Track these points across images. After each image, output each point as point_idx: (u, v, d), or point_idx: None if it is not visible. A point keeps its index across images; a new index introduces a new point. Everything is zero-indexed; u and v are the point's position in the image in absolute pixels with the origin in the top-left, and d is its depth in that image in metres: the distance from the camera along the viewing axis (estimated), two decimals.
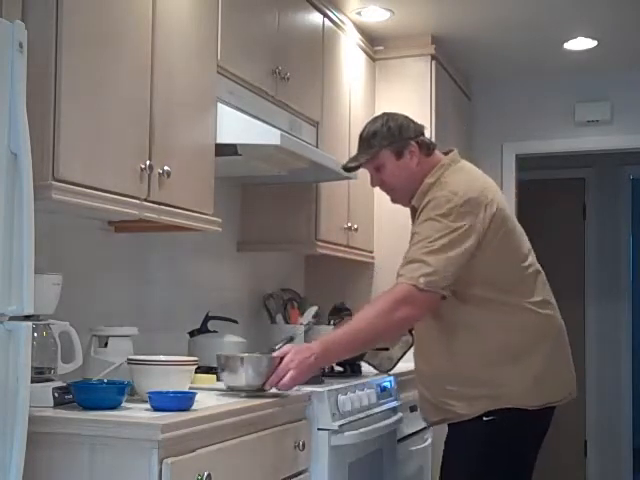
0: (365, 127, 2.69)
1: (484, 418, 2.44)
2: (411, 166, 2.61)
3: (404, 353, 3.22)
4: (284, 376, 2.32)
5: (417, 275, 2.38)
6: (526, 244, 2.61)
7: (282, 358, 2.36)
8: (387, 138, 2.60)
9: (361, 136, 2.68)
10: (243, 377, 2.34)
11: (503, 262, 2.50)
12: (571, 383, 2.62)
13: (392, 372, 3.26)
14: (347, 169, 2.75)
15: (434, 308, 2.48)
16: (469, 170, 2.66)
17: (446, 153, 2.70)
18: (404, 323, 2.54)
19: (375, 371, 3.27)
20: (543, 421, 2.56)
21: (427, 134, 2.75)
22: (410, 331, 3.00)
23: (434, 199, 2.49)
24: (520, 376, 2.46)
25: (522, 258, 2.55)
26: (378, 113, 2.78)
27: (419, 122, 2.70)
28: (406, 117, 2.68)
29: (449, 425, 2.57)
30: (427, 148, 2.64)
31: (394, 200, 2.73)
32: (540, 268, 2.61)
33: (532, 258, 2.59)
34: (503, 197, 2.63)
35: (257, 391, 2.36)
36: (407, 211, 4.25)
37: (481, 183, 2.57)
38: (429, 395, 2.59)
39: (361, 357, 3.20)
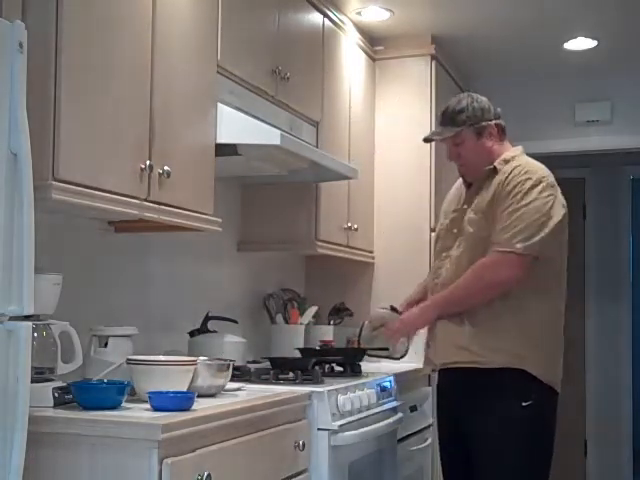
0: (449, 104, 2.88)
1: (523, 403, 2.65)
2: (487, 146, 2.84)
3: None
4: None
5: None
6: None
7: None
8: (472, 118, 2.82)
9: (445, 112, 2.87)
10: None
11: None
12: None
13: (392, 372, 3.25)
14: (428, 140, 3.05)
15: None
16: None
17: None
18: None
19: (374, 369, 3.25)
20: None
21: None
22: None
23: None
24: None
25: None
26: (460, 97, 2.93)
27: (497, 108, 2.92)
28: (488, 100, 2.90)
29: (481, 416, 2.71)
30: (503, 132, 2.89)
31: (462, 173, 2.93)
32: None
33: None
34: None
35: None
36: (406, 212, 4.26)
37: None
38: (454, 339, 2.76)
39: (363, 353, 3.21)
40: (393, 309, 3.16)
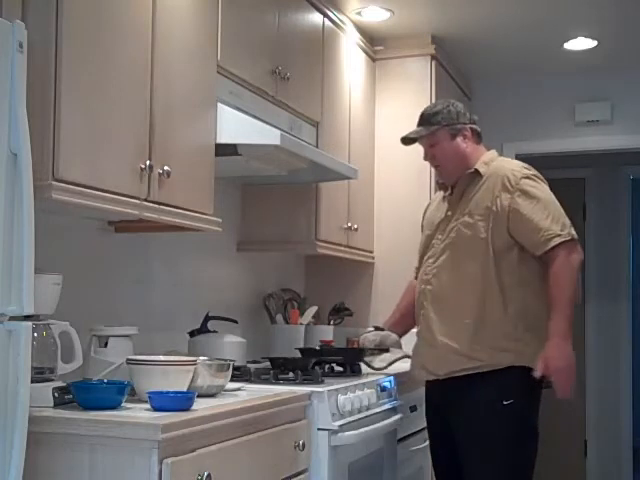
0: (425, 108, 3.00)
1: (504, 402, 2.68)
2: (462, 148, 2.90)
3: (396, 359, 3.22)
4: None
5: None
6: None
7: None
8: (446, 119, 2.91)
9: (422, 114, 2.97)
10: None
11: None
12: None
13: (393, 372, 3.25)
14: (405, 140, 3.00)
15: None
16: None
17: None
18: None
19: (372, 370, 3.26)
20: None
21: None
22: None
23: None
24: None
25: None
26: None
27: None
28: (464, 106, 2.99)
29: (469, 413, 2.74)
30: (478, 136, 2.95)
31: (440, 176, 3.03)
32: None
33: None
34: None
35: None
36: (406, 212, 4.24)
37: None
38: (457, 345, 2.77)
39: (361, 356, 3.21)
40: (377, 328, 3.21)
